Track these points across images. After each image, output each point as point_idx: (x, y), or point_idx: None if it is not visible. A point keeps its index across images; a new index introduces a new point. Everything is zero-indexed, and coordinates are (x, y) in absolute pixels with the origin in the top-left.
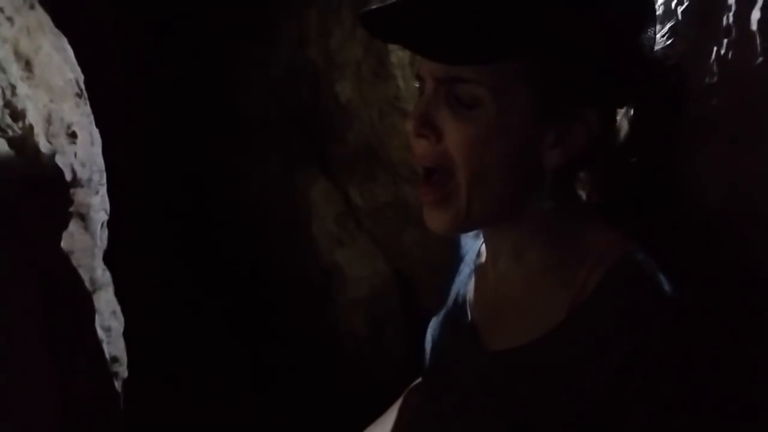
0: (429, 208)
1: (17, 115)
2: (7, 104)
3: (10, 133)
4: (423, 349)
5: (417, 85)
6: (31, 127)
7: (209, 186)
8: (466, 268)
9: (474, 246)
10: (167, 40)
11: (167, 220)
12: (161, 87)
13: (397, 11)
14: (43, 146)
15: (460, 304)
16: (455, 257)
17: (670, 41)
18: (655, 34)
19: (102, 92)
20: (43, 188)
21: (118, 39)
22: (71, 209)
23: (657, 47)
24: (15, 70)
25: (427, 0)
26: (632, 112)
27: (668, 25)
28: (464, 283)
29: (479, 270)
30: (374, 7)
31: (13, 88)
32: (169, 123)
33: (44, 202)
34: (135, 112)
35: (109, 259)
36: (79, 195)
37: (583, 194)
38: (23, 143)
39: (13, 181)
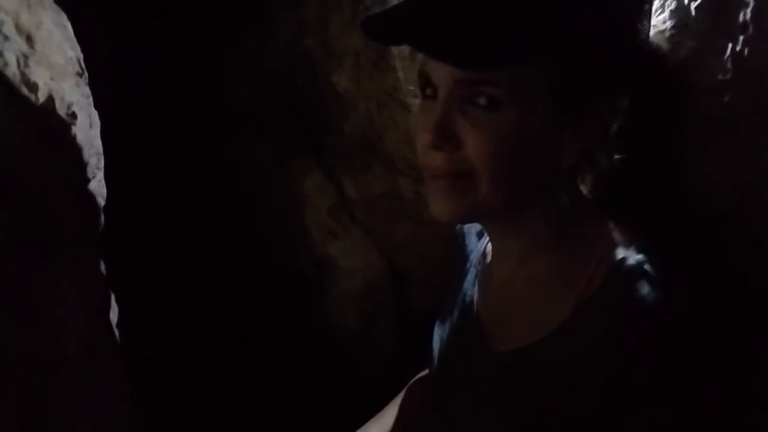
0: (440, 197)
1: (31, 86)
2: (22, 75)
3: (27, 106)
4: (430, 348)
5: (427, 92)
6: (50, 98)
7: (201, 176)
8: (473, 269)
9: (479, 246)
10: (161, 26)
11: (157, 210)
12: (153, 74)
13: (413, 15)
14: (62, 122)
15: (467, 305)
16: (460, 257)
17: (677, 36)
18: (650, 21)
19: (94, 76)
20: (68, 166)
21: (110, 23)
22: (90, 188)
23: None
24: (20, 43)
25: (445, 4)
26: (636, 106)
27: (680, 21)
28: (471, 284)
29: (485, 271)
30: (383, 11)
31: (26, 58)
32: (160, 111)
33: (65, 176)
34: (126, 98)
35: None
36: None
37: (586, 192)
38: (41, 116)
39: (35, 156)
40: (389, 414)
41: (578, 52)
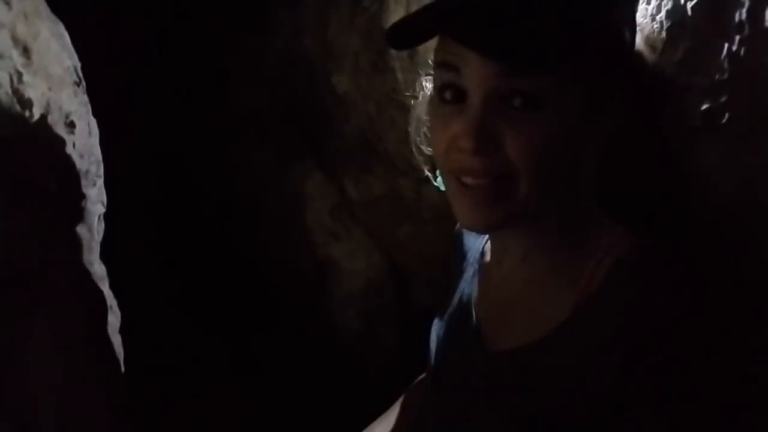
0: (473, 206)
1: (25, 103)
2: (15, 92)
3: (21, 123)
4: (428, 348)
5: (446, 96)
6: (42, 116)
7: (202, 178)
8: (470, 268)
9: (476, 244)
10: (159, 29)
11: (159, 213)
12: (153, 77)
13: (461, 14)
14: (54, 137)
15: (464, 304)
16: (458, 255)
17: (673, 35)
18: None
19: (94, 82)
20: (57, 178)
21: (108, 28)
22: (83, 203)
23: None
24: (16, 57)
25: (494, 4)
26: (635, 105)
27: (677, 20)
28: (468, 283)
29: (483, 270)
30: (419, 12)
31: (20, 74)
32: (160, 114)
33: (59, 192)
34: (125, 102)
35: (101, 252)
36: None
37: (587, 192)
38: (35, 133)
39: (28, 172)
40: (393, 416)
41: (601, 51)
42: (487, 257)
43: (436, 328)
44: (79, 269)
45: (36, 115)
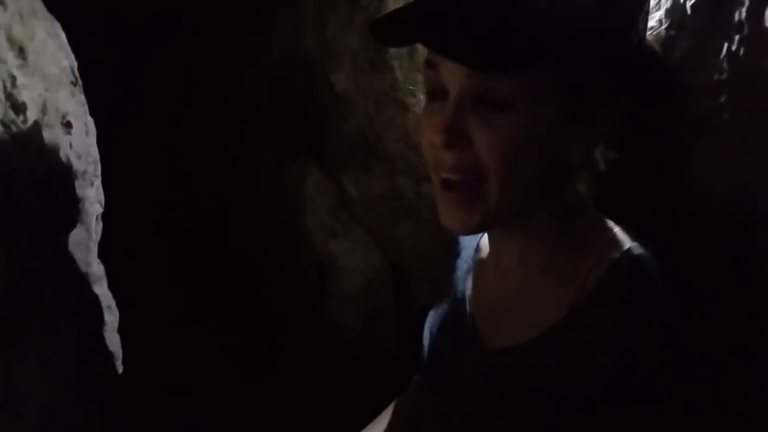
0: (452, 208)
1: (18, 108)
2: (9, 96)
3: (14, 128)
4: (421, 343)
5: (434, 94)
6: (36, 122)
7: (201, 177)
8: (465, 264)
9: (471, 241)
10: (158, 27)
11: (158, 212)
12: (152, 76)
13: (427, 16)
14: (48, 141)
15: (459, 301)
16: (453, 252)
17: (673, 35)
18: (647, 21)
19: (91, 81)
20: (52, 185)
21: (106, 26)
22: (80, 203)
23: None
24: (10, 58)
25: (459, 5)
26: (633, 105)
27: (676, 20)
28: (463, 279)
29: (479, 266)
30: (395, 12)
31: (13, 79)
32: (160, 113)
33: (53, 200)
34: (124, 101)
35: (100, 251)
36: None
37: (583, 191)
38: (28, 139)
39: (22, 180)
40: (384, 421)
41: (588, 52)
42: (482, 254)
43: (430, 323)
44: (76, 270)
45: (33, 116)
